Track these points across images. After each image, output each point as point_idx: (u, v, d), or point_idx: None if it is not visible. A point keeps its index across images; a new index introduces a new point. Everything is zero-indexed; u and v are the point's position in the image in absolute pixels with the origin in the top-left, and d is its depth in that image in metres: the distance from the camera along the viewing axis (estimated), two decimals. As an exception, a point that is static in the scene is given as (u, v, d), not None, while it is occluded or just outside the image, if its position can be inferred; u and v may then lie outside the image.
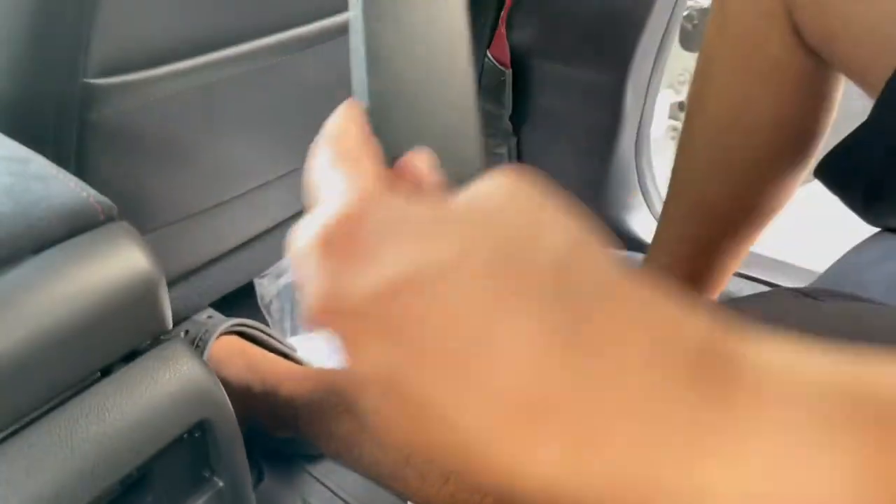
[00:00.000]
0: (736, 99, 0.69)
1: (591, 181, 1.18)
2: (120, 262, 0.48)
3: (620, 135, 1.12)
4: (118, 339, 0.48)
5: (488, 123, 1.22)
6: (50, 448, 0.44)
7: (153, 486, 0.50)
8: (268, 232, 1.05)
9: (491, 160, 1.25)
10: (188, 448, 0.51)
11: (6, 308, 0.42)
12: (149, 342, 0.50)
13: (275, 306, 1.14)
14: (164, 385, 0.49)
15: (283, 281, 1.12)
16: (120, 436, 0.46)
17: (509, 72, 1.13)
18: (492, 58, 1.15)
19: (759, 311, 0.56)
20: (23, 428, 0.44)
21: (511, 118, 1.19)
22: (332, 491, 0.98)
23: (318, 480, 0.99)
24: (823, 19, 0.60)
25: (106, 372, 0.48)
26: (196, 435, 0.51)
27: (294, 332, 1.12)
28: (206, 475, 0.53)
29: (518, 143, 1.24)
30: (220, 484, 0.54)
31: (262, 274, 1.11)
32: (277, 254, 1.10)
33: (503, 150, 1.24)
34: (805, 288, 0.61)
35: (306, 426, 0.82)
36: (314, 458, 0.99)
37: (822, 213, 0.93)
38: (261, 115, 0.85)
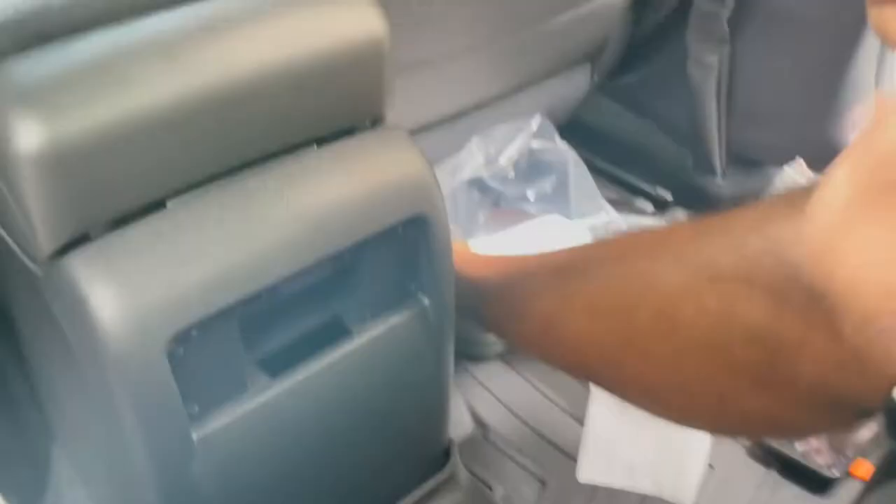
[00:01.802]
0: None
1: (821, 111, 1.05)
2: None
3: (860, 52, 0.98)
4: (339, 108, 0.44)
5: (699, 25, 1.11)
6: (265, 200, 0.40)
7: (360, 282, 0.46)
8: (441, 122, 1.00)
9: (700, 68, 1.14)
10: (399, 248, 0.46)
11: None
12: (368, 124, 0.46)
13: (448, 205, 1.09)
14: (381, 167, 0.44)
15: (459, 178, 1.07)
16: (334, 206, 0.42)
17: (736, -40, 1.02)
18: (715, -55, 1.04)
19: None
20: (241, 169, 0.40)
21: (730, 19, 1.08)
22: (494, 395, 0.93)
23: (480, 384, 0.95)
24: None
25: (321, 142, 0.44)
26: (409, 235, 0.46)
27: (466, 232, 1.07)
28: (413, 289, 0.48)
29: (732, 54, 1.12)
30: (426, 302, 0.49)
31: (436, 166, 1.07)
32: (453, 145, 1.05)
33: (713, 59, 1.13)
34: None
35: (491, 310, 0.77)
36: (478, 359, 0.95)
37: None
38: None
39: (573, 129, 1.23)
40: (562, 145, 1.10)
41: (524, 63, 1.01)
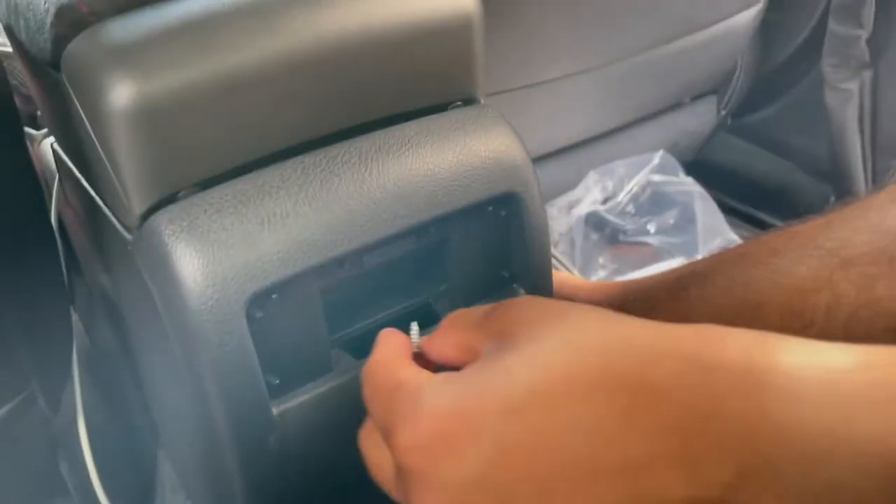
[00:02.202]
0: None
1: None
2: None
3: None
4: (428, 84, 0.44)
5: (835, 50, 1.04)
6: (350, 168, 0.40)
7: (451, 269, 0.44)
8: (555, 154, 0.99)
9: (838, 96, 1.07)
10: (491, 232, 0.45)
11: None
12: (460, 104, 0.45)
13: (563, 244, 1.06)
14: (472, 141, 0.43)
15: (575, 213, 1.04)
16: (420, 176, 0.41)
17: (875, -22, 0.96)
18: (851, -36, 0.99)
19: None
20: (328, 140, 0.40)
21: (869, 42, 1.01)
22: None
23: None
24: None
25: (412, 117, 0.43)
26: (501, 217, 0.44)
27: (584, 272, 1.04)
28: (507, 278, 0.46)
29: (874, 79, 1.05)
30: (521, 293, 0.46)
31: (550, 202, 1.05)
32: (568, 180, 1.03)
33: (852, 86, 1.06)
34: None
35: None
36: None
37: None
38: None
39: (699, 168, 1.18)
40: (686, 179, 1.05)
41: (643, 92, 0.98)
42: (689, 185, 1.02)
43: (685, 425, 0.25)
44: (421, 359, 0.35)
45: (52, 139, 0.65)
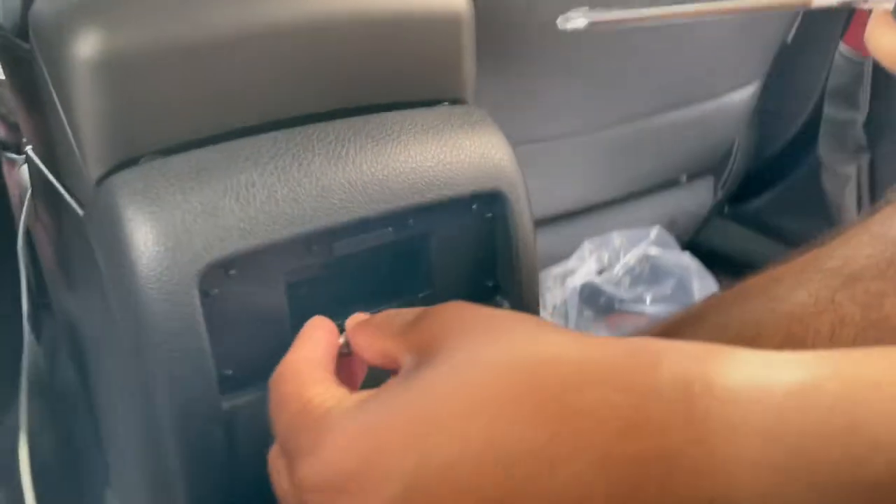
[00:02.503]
0: None
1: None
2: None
3: None
4: (413, 78, 0.42)
5: (832, 134, 1.05)
6: (325, 149, 0.38)
7: (429, 275, 0.42)
8: (551, 221, 0.97)
9: (836, 181, 1.06)
10: (474, 237, 0.42)
11: None
12: (447, 103, 0.44)
13: (556, 318, 1.03)
14: (456, 135, 0.41)
15: (570, 284, 1.01)
16: (398, 163, 0.39)
17: (869, 61, 0.98)
18: (845, 48, 1.00)
19: None
20: (307, 120, 0.38)
21: (866, 126, 1.02)
22: None
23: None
24: None
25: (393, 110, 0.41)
26: (487, 215, 0.42)
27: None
28: (490, 288, 0.43)
29: (872, 162, 1.05)
30: (505, 305, 0.43)
31: (544, 271, 1.02)
32: (562, 250, 1.01)
33: (849, 170, 1.06)
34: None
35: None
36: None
37: None
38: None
39: (695, 250, 1.16)
40: (684, 254, 1.03)
41: (639, 163, 0.98)
42: (687, 259, 1.00)
43: (618, 463, 0.21)
44: (349, 357, 0.32)
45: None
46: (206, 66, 0.36)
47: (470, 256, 0.43)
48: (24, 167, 0.70)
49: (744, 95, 1.01)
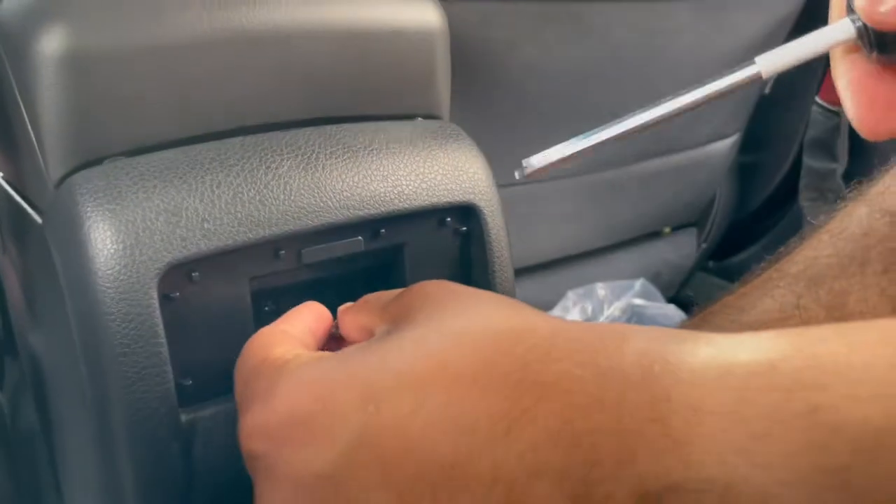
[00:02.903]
0: None
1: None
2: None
3: None
4: (385, 92, 0.42)
5: (812, 185, 1.06)
6: (294, 157, 0.37)
7: (404, 283, 0.40)
8: (537, 269, 0.96)
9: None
10: (450, 245, 0.41)
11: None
12: (420, 118, 0.43)
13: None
14: (429, 147, 0.41)
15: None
16: (372, 171, 0.38)
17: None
18: (822, 102, 1.02)
19: None
20: (277, 128, 0.38)
21: (845, 177, 1.03)
22: None
23: None
24: None
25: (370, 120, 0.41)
26: (462, 229, 0.41)
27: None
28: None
29: (852, 214, 1.05)
30: (479, 322, 0.42)
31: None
32: (545, 300, 1.00)
33: (832, 221, 1.06)
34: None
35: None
36: None
37: None
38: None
39: (680, 304, 1.15)
40: (669, 306, 1.02)
41: (621, 211, 0.98)
42: (672, 310, 0.99)
43: (574, 436, 0.20)
44: (341, 341, 0.32)
45: None
46: (175, 68, 0.35)
47: (445, 271, 0.42)
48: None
49: (724, 146, 1.02)
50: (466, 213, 0.41)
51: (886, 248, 0.39)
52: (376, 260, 0.40)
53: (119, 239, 0.32)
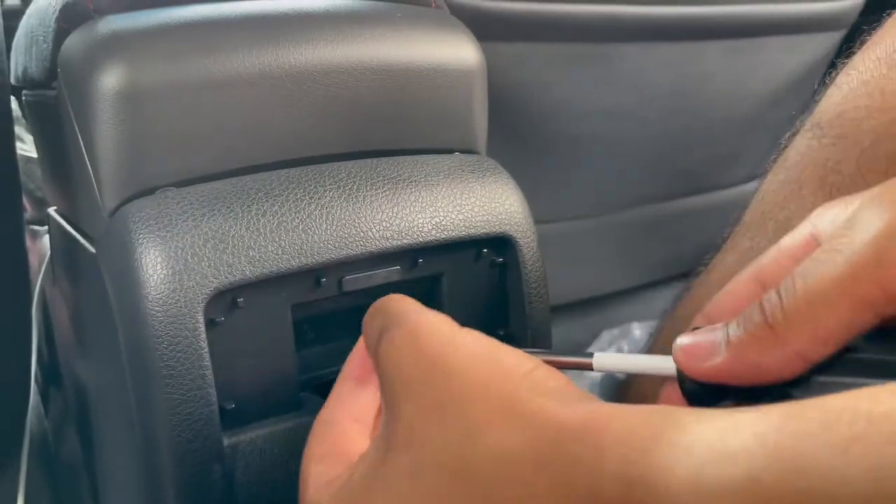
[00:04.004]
0: None
1: None
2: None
3: None
4: (426, 128, 0.43)
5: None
6: (335, 189, 0.38)
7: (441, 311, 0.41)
8: (570, 307, 0.96)
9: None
10: (484, 283, 0.42)
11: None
12: (458, 153, 0.44)
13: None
14: (467, 180, 0.42)
15: (590, 375, 0.99)
16: (411, 203, 0.39)
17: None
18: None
19: None
20: (313, 162, 0.39)
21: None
22: None
23: None
24: None
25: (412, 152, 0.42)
26: (498, 260, 0.42)
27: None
28: (501, 334, 0.43)
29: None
30: (515, 353, 0.42)
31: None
32: (580, 339, 0.99)
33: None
34: None
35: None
36: None
37: None
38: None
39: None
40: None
41: (654, 250, 0.98)
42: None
43: None
44: None
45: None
46: (224, 104, 0.37)
47: (481, 303, 0.42)
48: (46, 237, 0.72)
49: (756, 187, 1.02)
50: (503, 245, 0.42)
51: (815, 161, 0.39)
52: (414, 290, 0.40)
53: (169, 265, 0.33)
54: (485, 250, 0.41)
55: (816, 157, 0.40)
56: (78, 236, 0.42)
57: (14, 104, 0.48)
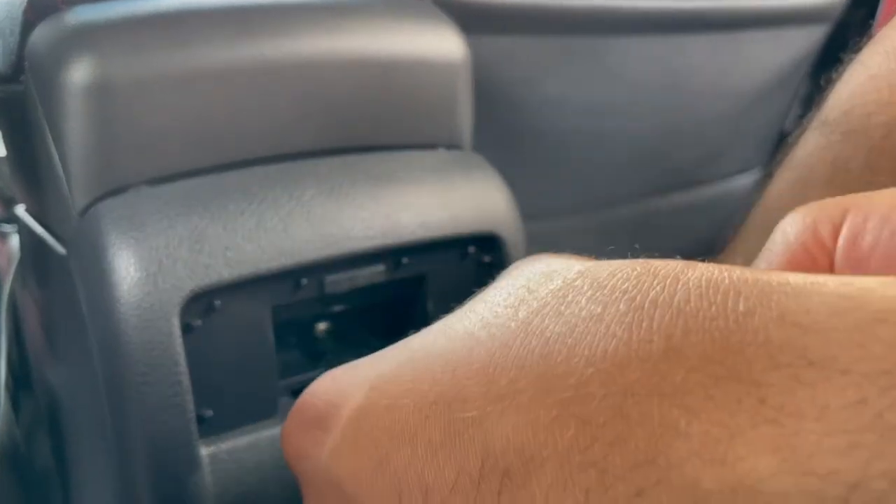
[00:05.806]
0: None
1: None
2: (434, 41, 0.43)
3: None
4: (408, 122, 0.42)
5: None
6: (315, 186, 0.37)
7: (427, 315, 0.40)
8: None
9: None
10: (473, 276, 0.41)
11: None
12: (443, 148, 0.44)
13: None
14: (451, 177, 0.41)
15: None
16: (394, 200, 0.38)
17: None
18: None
19: None
20: (298, 157, 0.38)
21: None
22: None
23: None
24: None
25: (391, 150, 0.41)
26: (485, 259, 0.41)
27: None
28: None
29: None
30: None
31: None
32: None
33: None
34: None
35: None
36: None
37: None
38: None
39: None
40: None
41: (647, 247, 0.98)
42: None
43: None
44: None
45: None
46: (198, 98, 0.36)
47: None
48: (15, 238, 0.70)
49: (747, 180, 1.02)
50: (489, 244, 0.41)
51: (823, 160, 0.39)
52: (398, 291, 0.40)
53: (142, 266, 0.32)
54: (471, 249, 0.41)
55: (825, 156, 0.39)
56: (47, 237, 0.41)
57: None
